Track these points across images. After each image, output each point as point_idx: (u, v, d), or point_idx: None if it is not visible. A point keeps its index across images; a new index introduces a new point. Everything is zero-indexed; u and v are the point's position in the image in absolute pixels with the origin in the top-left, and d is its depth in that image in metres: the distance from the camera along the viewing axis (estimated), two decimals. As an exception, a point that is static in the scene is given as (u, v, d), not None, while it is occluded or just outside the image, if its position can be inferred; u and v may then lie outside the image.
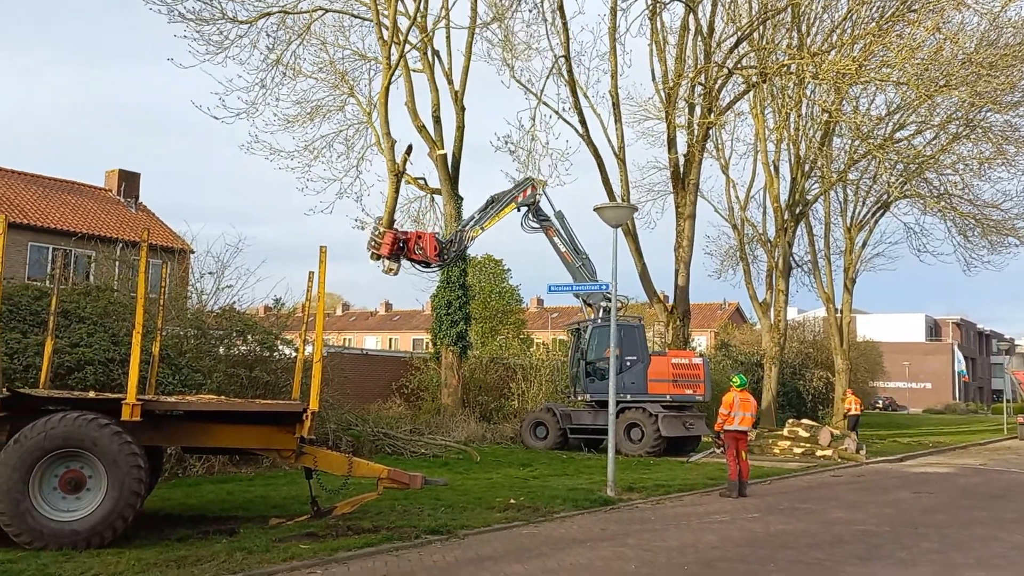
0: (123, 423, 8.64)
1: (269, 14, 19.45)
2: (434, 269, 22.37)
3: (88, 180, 37.14)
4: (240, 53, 19.45)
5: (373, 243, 20.37)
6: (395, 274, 20.63)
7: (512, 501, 12.06)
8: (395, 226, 21.51)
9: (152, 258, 11.01)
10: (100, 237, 27.40)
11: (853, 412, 28.70)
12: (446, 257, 21.03)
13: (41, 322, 12.98)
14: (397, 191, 21.92)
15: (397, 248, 20.14)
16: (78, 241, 26.98)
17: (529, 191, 21.47)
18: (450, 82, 25.02)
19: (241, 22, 19.45)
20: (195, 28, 19.70)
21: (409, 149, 22.40)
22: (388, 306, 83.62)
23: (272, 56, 22.13)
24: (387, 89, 22.29)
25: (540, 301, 74.70)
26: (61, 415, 8.47)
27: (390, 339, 75.62)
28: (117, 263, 15.62)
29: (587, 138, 26.71)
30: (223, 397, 12.55)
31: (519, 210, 21.81)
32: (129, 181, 37.07)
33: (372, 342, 71.64)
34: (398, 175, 21.94)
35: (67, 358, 12.90)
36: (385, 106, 22.56)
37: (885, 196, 35.25)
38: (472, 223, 21.23)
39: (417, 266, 20.96)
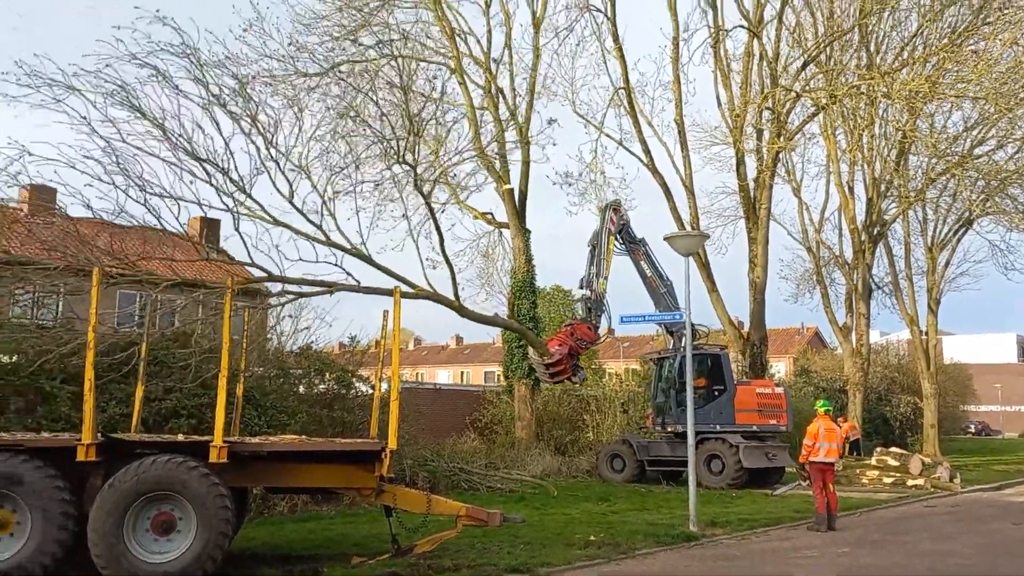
0: (211, 465, 8.89)
1: (338, 65, 20.13)
2: (600, 343, 22.31)
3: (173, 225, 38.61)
4: (311, 105, 20.18)
5: (550, 375, 19.93)
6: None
7: (592, 537, 11.93)
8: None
9: (235, 301, 11.36)
10: (184, 282, 28.32)
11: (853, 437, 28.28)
12: (599, 326, 20.46)
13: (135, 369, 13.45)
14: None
15: (573, 362, 19.82)
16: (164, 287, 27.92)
17: (614, 216, 21.10)
18: (514, 118, 25.29)
19: (312, 75, 20.08)
20: (270, 88, 20.48)
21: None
22: (459, 340, 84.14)
23: (343, 104, 22.75)
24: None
25: (611, 331, 74.17)
26: (152, 459, 8.76)
27: (462, 372, 76.02)
28: (201, 308, 16.15)
29: (652, 167, 26.63)
30: (304, 437, 12.79)
31: (618, 239, 21.36)
32: (210, 227, 38.42)
33: (444, 376, 72.12)
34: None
35: (164, 404, 13.34)
36: None
37: (967, 214, 34.02)
38: (593, 279, 20.27)
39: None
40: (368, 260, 14.80)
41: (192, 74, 12.19)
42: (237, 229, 12.77)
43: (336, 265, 13.83)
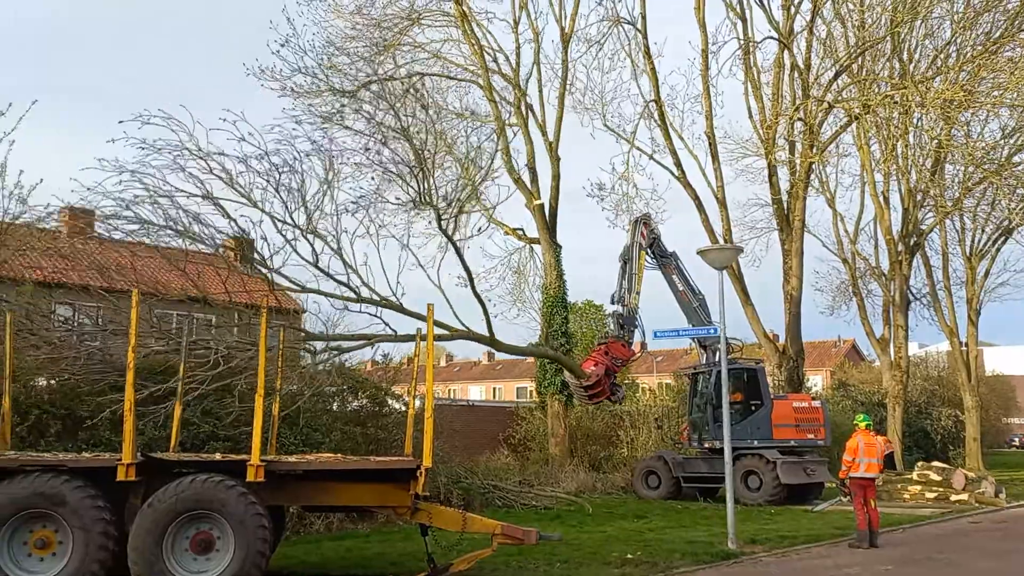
0: (248, 484, 8.93)
1: (371, 82, 20.36)
2: (635, 359, 22.53)
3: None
4: (344, 120, 20.43)
5: (589, 397, 19.90)
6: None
7: (629, 556, 11.80)
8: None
9: (270, 319, 11.42)
10: (218, 302, 28.63)
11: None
12: (632, 342, 20.46)
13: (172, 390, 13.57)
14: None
15: (611, 382, 19.74)
16: (199, 307, 28.26)
17: (645, 231, 20.98)
18: (544, 134, 25.35)
19: (346, 92, 20.34)
20: (305, 102, 20.81)
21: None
22: (491, 355, 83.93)
23: (374, 121, 22.99)
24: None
25: (643, 345, 73.50)
26: (191, 478, 8.83)
27: (494, 388, 75.92)
28: (236, 328, 16.30)
29: (684, 180, 26.49)
30: (340, 455, 12.83)
31: (649, 253, 21.25)
32: (244, 248, 38.85)
33: (476, 392, 72.03)
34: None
35: (202, 428, 13.47)
36: None
37: (1006, 223, 33.38)
38: (625, 294, 20.17)
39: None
40: (400, 309, 14.91)
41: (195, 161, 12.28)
42: (272, 292, 12.95)
43: (374, 316, 14.09)
